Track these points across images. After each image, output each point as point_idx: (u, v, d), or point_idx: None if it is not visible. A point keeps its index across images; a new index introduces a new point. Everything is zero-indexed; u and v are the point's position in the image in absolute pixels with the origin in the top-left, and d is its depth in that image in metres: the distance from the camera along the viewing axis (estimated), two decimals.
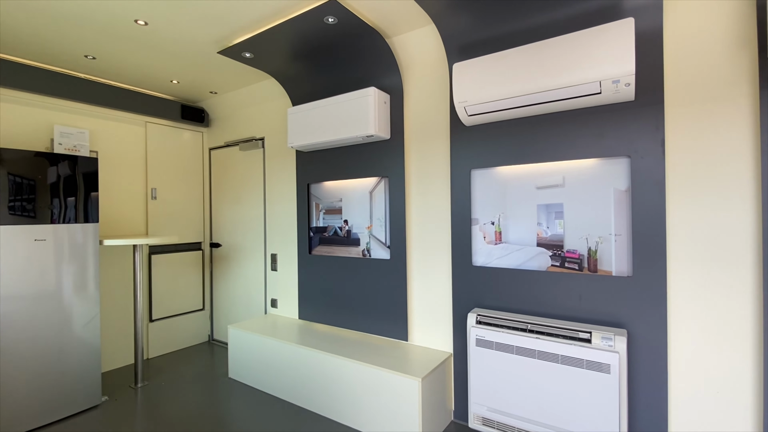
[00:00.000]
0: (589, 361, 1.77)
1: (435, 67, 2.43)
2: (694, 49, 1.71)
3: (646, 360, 1.79)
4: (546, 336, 1.89)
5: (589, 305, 1.91)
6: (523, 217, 2.11)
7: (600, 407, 1.74)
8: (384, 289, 2.64)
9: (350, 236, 2.84)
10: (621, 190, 1.85)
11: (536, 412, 1.89)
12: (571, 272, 1.97)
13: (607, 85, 1.67)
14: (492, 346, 2.01)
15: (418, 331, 2.54)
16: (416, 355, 2.35)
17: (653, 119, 1.76)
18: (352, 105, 2.44)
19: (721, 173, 1.67)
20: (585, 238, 1.94)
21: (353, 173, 2.78)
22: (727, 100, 1.65)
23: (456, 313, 2.33)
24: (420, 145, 2.51)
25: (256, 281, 3.53)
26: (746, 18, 1.61)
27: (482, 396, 2.05)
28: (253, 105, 3.51)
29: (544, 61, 1.77)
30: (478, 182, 2.26)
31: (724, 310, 1.67)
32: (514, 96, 1.85)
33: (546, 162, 2.03)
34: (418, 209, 2.53)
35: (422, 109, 2.49)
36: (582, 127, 1.92)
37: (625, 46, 1.60)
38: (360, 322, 2.76)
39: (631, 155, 1.81)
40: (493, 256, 2.21)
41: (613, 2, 1.76)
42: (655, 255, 1.76)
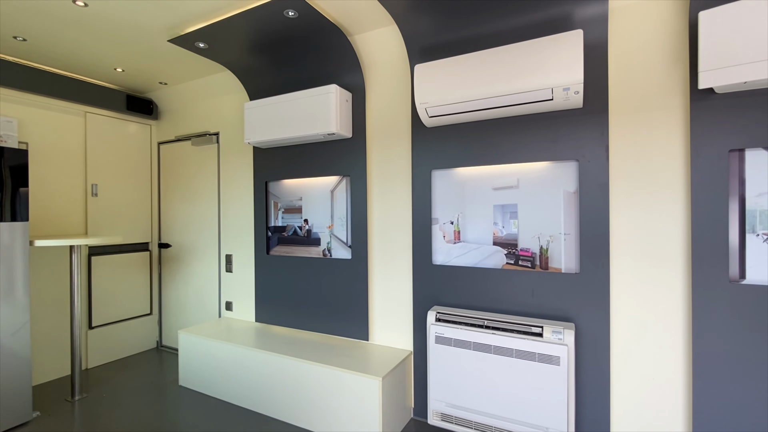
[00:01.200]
0: (541, 354, 1.86)
1: (397, 67, 2.44)
2: (634, 62, 1.85)
3: (591, 351, 1.91)
4: (501, 331, 1.96)
5: (541, 301, 2.01)
6: (481, 217, 2.18)
7: (550, 397, 1.83)
8: (345, 289, 2.62)
9: (310, 236, 2.78)
10: (570, 191, 1.96)
11: (492, 405, 1.96)
12: (524, 270, 2.06)
13: (558, 92, 1.77)
14: (451, 342, 2.06)
15: (378, 330, 2.54)
16: (377, 355, 2.35)
17: (599, 126, 1.88)
18: (313, 102, 2.40)
19: (657, 177, 1.82)
20: (537, 237, 2.03)
21: (314, 172, 2.73)
22: (663, 109, 1.80)
23: (416, 312, 2.36)
24: (382, 145, 2.51)
25: (209, 283, 3.37)
26: (680, 36, 1.76)
27: (441, 392, 2.09)
28: (207, 98, 3.35)
29: (501, 66, 1.83)
30: (439, 182, 2.30)
31: (659, 303, 1.82)
32: (473, 99, 1.91)
33: (502, 164, 2.10)
34: (380, 209, 2.53)
35: (384, 108, 2.50)
36: (535, 132, 2.01)
37: (574, 55, 1.69)
38: (320, 324, 2.72)
39: (579, 159, 1.92)
40: (452, 255, 2.26)
41: (564, 14, 1.86)
42: (600, 253, 1.88)
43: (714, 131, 1.67)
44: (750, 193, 1.65)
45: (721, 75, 1.49)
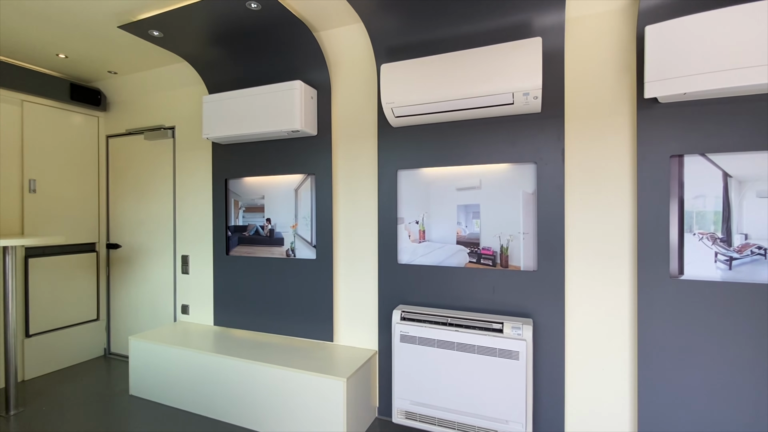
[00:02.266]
0: (501, 350, 1.92)
1: (363, 65, 2.43)
2: (588, 71, 1.95)
3: (548, 345, 2.00)
4: (464, 328, 2.01)
5: (502, 298, 2.08)
6: (445, 217, 2.22)
7: (510, 390, 1.90)
8: (309, 289, 2.57)
9: (273, 236, 2.71)
10: (529, 192, 2.04)
11: (456, 401, 2.00)
12: (486, 268, 2.12)
13: (518, 97, 1.83)
14: (415, 341, 2.08)
15: (343, 330, 2.52)
16: (341, 355, 2.33)
17: (555, 130, 1.97)
18: (277, 98, 2.33)
19: (608, 180, 1.93)
20: (498, 236, 2.10)
21: (277, 169, 2.66)
22: (613, 116, 1.91)
23: (381, 311, 2.36)
24: (348, 143, 2.49)
25: (163, 286, 3.19)
26: (629, 47, 1.88)
27: (406, 390, 2.10)
28: (161, 90, 3.17)
29: (465, 69, 1.87)
30: (404, 182, 2.32)
31: (609, 298, 1.94)
32: (438, 101, 1.93)
33: (465, 165, 2.15)
34: (346, 208, 2.51)
35: (350, 107, 2.48)
36: (497, 135, 2.08)
37: (534, 62, 1.76)
38: (283, 325, 2.66)
39: (537, 162, 2.00)
40: (417, 254, 2.29)
41: (524, 21, 1.93)
42: (555, 251, 1.97)
43: (657, 138, 1.80)
44: (688, 195, 1.79)
45: (663, 86, 1.60)
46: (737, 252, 1.72)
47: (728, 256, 1.74)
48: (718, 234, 1.75)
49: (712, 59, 1.50)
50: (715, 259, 1.75)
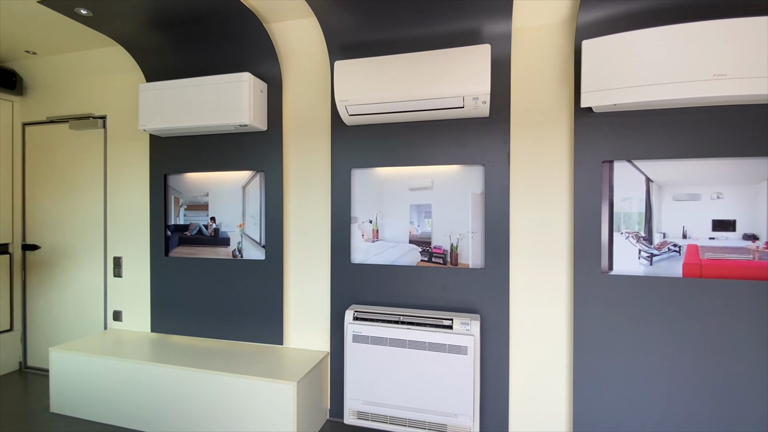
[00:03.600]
0: (450, 345, 1.97)
1: (317, 61, 2.38)
2: (532, 79, 2.07)
3: (494, 338, 2.09)
4: (416, 326, 2.04)
5: (452, 295, 2.14)
6: (398, 216, 2.24)
7: (459, 385, 1.96)
8: (257, 291, 2.47)
9: (218, 235, 2.57)
10: (477, 193, 2.12)
11: (407, 398, 2.03)
12: (437, 266, 2.17)
13: (468, 101, 1.89)
14: (368, 340, 2.08)
15: (294, 333, 2.46)
16: (292, 359, 2.26)
17: (502, 134, 2.06)
18: (224, 89, 2.21)
19: (548, 182, 2.06)
20: (449, 235, 2.16)
21: (223, 165, 2.52)
22: (554, 123, 2.04)
23: (334, 312, 2.33)
24: (300, 140, 2.43)
25: (91, 291, 2.90)
26: (568, 59, 2.02)
27: (358, 390, 2.09)
28: (91, 75, 2.88)
29: (419, 71, 1.90)
30: (358, 181, 2.31)
31: (548, 292, 2.07)
32: (392, 101, 1.95)
33: (418, 166, 2.19)
34: (297, 206, 2.44)
35: (303, 103, 2.42)
36: (448, 137, 2.13)
37: (483, 68, 1.83)
38: (229, 330, 2.53)
39: (485, 164, 2.09)
40: (370, 254, 2.29)
41: (475, 28, 2.01)
42: (501, 250, 2.07)
43: (592, 145, 1.95)
44: (617, 197, 1.96)
45: (597, 96, 1.74)
46: (657, 249, 1.92)
47: (650, 253, 1.93)
48: (642, 233, 1.94)
49: (638, 74, 1.66)
50: (639, 255, 1.94)
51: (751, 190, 1.81)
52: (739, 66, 1.52)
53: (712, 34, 1.55)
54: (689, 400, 1.84)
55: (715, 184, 1.85)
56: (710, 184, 1.85)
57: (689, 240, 1.88)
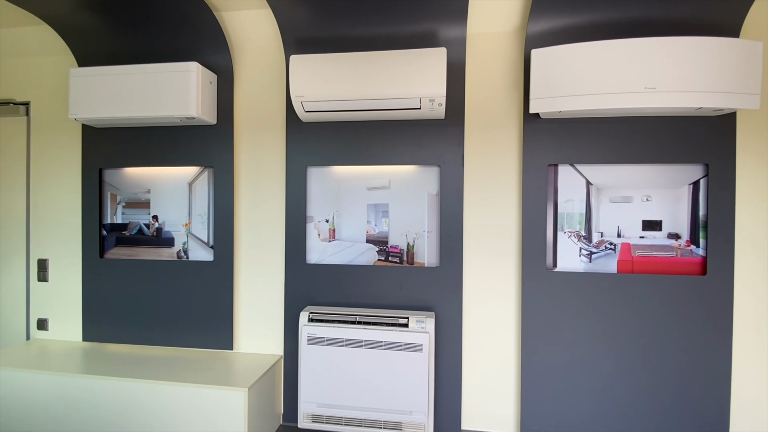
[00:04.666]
0: (406, 344, 1.99)
1: (271, 55, 2.30)
2: (485, 84, 2.15)
3: (448, 336, 2.14)
4: (372, 325, 2.04)
5: (408, 294, 2.17)
6: (355, 216, 2.22)
7: (414, 382, 1.98)
8: (205, 294, 2.34)
9: (161, 235, 2.40)
10: (433, 193, 2.17)
11: (363, 398, 2.02)
12: (393, 265, 2.19)
13: (425, 103, 1.92)
14: (323, 341, 2.04)
15: (245, 337, 2.35)
16: (243, 364, 2.17)
17: (456, 136, 2.12)
18: (169, 79, 2.07)
19: (500, 184, 2.15)
20: (405, 235, 2.19)
21: (168, 160, 2.36)
22: (505, 127, 2.14)
23: (288, 314, 2.26)
24: (253, 136, 2.33)
25: (10, 297, 2.59)
26: (519, 67, 2.12)
27: (312, 393, 2.05)
28: (11, 56, 2.56)
29: (376, 71, 1.90)
30: (314, 180, 2.26)
31: (499, 289, 2.16)
32: (349, 99, 1.93)
33: (376, 165, 2.19)
34: (249, 205, 2.35)
35: (256, 97, 2.32)
36: (405, 137, 2.15)
37: (439, 70, 1.86)
38: (174, 336, 2.37)
39: (440, 165, 2.13)
40: (326, 253, 2.25)
41: (431, 30, 2.04)
42: (455, 248, 2.13)
43: (538, 149, 2.06)
44: (561, 199, 2.09)
45: (544, 103, 1.84)
46: (595, 247, 2.07)
47: (589, 251, 2.08)
48: (582, 232, 2.08)
49: (580, 84, 1.77)
50: (580, 253, 2.08)
51: (675, 194, 2.00)
52: (667, 81, 1.68)
53: (644, 50, 1.70)
54: (625, 384, 2.00)
55: (645, 188, 2.03)
56: (641, 187, 2.03)
57: (623, 239, 2.04)
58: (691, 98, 1.68)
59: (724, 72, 1.66)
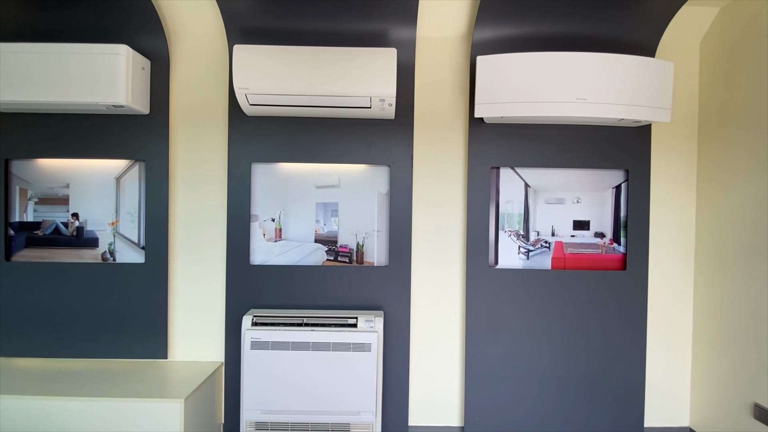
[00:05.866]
0: (355, 344, 1.98)
1: (213, 42, 2.16)
2: (433, 86, 2.20)
3: (396, 334, 2.16)
4: (320, 327, 2.00)
5: (357, 293, 2.15)
6: (303, 215, 2.17)
7: (363, 382, 1.97)
8: (135, 299, 2.14)
9: (82, 235, 2.16)
10: (383, 193, 2.18)
11: (311, 401, 1.97)
12: (343, 265, 2.16)
13: (375, 102, 1.92)
14: (268, 346, 1.96)
15: (181, 344, 2.19)
16: (179, 373, 2.02)
17: (406, 137, 2.14)
18: (94, 61, 1.86)
19: (446, 185, 2.22)
20: (355, 234, 2.17)
21: (91, 152, 2.12)
22: (451, 130, 2.21)
23: (230, 318, 2.15)
24: (191, 128, 2.18)
25: None
26: (465, 72, 2.20)
27: (256, 400, 1.96)
28: None
29: (326, 67, 1.86)
30: (260, 177, 2.17)
31: (445, 287, 2.23)
32: (298, 94, 1.87)
33: (326, 163, 2.15)
34: (187, 202, 2.19)
35: (196, 86, 2.17)
36: (356, 136, 2.14)
37: (389, 71, 1.87)
38: (100, 347, 2.14)
39: (390, 165, 2.15)
40: (272, 254, 2.17)
41: (381, 30, 2.05)
42: (404, 247, 2.15)
43: (482, 151, 2.15)
44: (502, 200, 2.20)
45: (487, 109, 1.92)
46: (532, 245, 2.21)
47: (527, 249, 2.21)
48: (521, 231, 2.21)
49: (521, 91, 1.87)
50: (518, 251, 2.21)
51: (601, 197, 2.20)
52: (595, 93, 1.83)
53: (576, 63, 1.84)
54: (558, 373, 2.16)
55: (575, 191, 2.20)
56: (572, 190, 2.20)
57: (556, 237, 2.21)
58: (614, 110, 1.85)
59: (642, 87, 1.85)
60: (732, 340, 1.99)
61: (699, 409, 2.20)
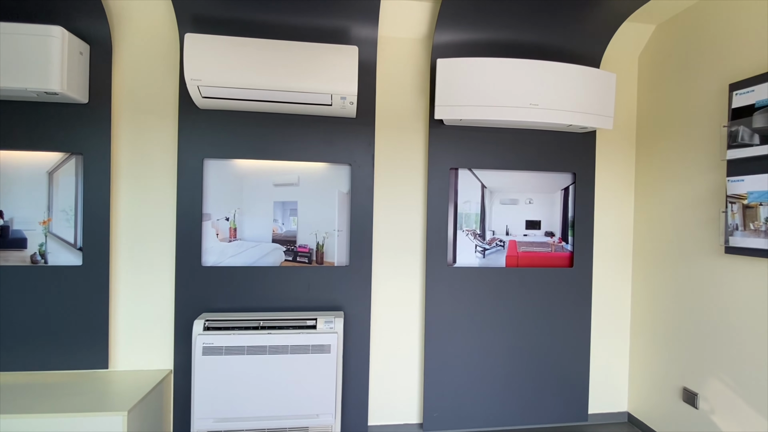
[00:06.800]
0: (314, 346, 1.94)
1: (162, 29, 2.03)
2: (395, 87, 2.21)
3: (356, 334, 2.15)
4: (278, 330, 1.94)
5: (317, 294, 2.11)
6: (260, 214, 2.09)
7: (322, 385, 1.94)
8: (71, 305, 1.96)
9: (8, 235, 1.94)
10: (343, 192, 2.15)
11: (268, 406, 1.90)
12: (302, 266, 2.11)
13: (336, 100, 1.89)
14: (222, 351, 1.87)
15: (124, 353, 2.04)
16: (122, 384, 1.87)
17: (367, 136, 2.13)
18: (25, 43, 1.67)
19: (406, 184, 2.23)
20: (315, 234, 2.13)
21: (19, 143, 1.91)
22: (412, 130, 2.23)
23: (180, 323, 2.02)
24: (137, 120, 2.03)
25: None
26: (426, 74, 2.22)
27: (209, 408, 1.86)
28: None
29: (286, 61, 1.80)
30: (213, 173, 2.06)
31: (405, 285, 2.24)
32: (256, 88, 1.80)
33: (284, 160, 2.08)
34: (131, 200, 2.03)
35: (142, 76, 2.02)
36: (316, 133, 2.10)
37: (351, 69, 1.85)
38: (28, 358, 1.94)
39: (351, 164, 2.13)
40: (226, 255, 2.07)
41: (343, 27, 2.02)
42: (365, 247, 2.14)
43: (442, 152, 2.19)
44: (460, 200, 2.26)
45: (447, 111, 1.96)
46: (488, 244, 2.29)
47: (483, 248, 2.28)
48: (477, 231, 2.28)
49: (478, 96, 1.93)
50: (475, 250, 2.27)
51: (551, 198, 2.32)
52: (546, 99, 1.93)
53: (530, 70, 1.92)
54: (511, 366, 2.25)
55: (528, 192, 2.31)
56: (525, 191, 2.30)
57: (510, 236, 2.30)
58: (564, 116, 1.95)
59: (588, 96, 1.97)
60: (664, 331, 2.18)
61: (636, 394, 2.39)
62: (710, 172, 1.91)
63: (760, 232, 1.62)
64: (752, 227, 1.66)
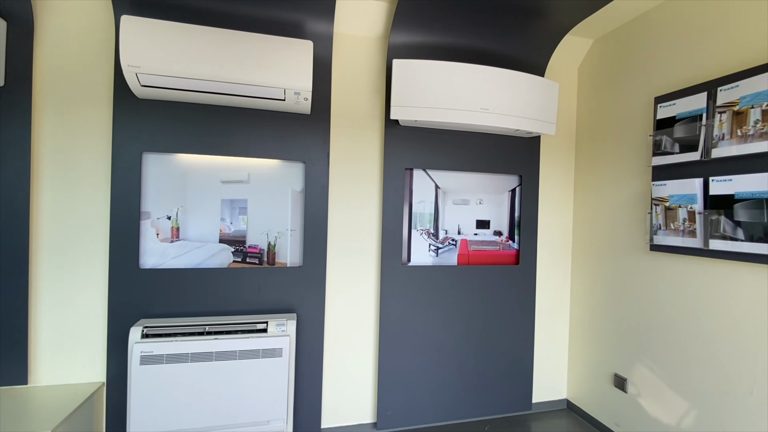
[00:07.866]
0: (265, 350, 1.87)
1: (94, 7, 1.84)
2: (350, 85, 2.18)
3: (309, 336, 2.10)
4: (225, 335, 1.84)
5: (268, 296, 2.03)
6: (206, 212, 1.97)
7: (273, 390, 1.87)
8: None
9: None
10: (297, 190, 2.09)
11: (214, 416, 1.80)
12: (252, 267, 2.02)
13: (290, 95, 1.83)
14: (162, 360, 1.74)
15: (48, 366, 1.83)
16: (45, 400, 1.68)
17: (322, 134, 2.09)
18: None
19: (362, 183, 2.22)
20: (266, 234, 2.05)
21: None
22: (367, 129, 2.22)
23: (114, 331, 1.85)
24: (63, 107, 1.83)
25: None
26: (382, 73, 2.22)
27: (147, 422, 1.73)
28: None
29: (236, 52, 1.71)
30: (152, 169, 1.91)
31: (361, 285, 2.23)
32: (202, 79, 1.69)
33: (232, 156, 1.98)
34: (56, 196, 1.83)
35: (71, 57, 1.83)
36: (268, 129, 2.02)
37: (305, 64, 1.80)
38: None
39: (305, 161, 2.07)
40: (167, 256, 1.93)
41: (298, 21, 1.96)
42: (319, 247, 2.10)
43: (397, 152, 2.20)
44: (415, 200, 2.29)
45: (402, 111, 1.97)
46: (441, 243, 2.34)
47: (436, 247, 2.33)
48: (431, 230, 2.32)
49: (432, 98, 1.96)
50: (429, 249, 2.31)
51: (499, 199, 2.42)
52: (496, 104, 2.01)
53: (481, 75, 1.99)
54: (462, 361, 2.32)
55: (478, 193, 2.39)
56: (476, 192, 2.38)
57: (462, 235, 2.37)
58: (512, 121, 2.04)
59: (534, 102, 2.08)
60: (598, 322, 2.36)
61: (574, 382, 2.56)
62: (639, 176, 2.10)
63: (679, 232, 1.81)
64: (672, 227, 1.84)
